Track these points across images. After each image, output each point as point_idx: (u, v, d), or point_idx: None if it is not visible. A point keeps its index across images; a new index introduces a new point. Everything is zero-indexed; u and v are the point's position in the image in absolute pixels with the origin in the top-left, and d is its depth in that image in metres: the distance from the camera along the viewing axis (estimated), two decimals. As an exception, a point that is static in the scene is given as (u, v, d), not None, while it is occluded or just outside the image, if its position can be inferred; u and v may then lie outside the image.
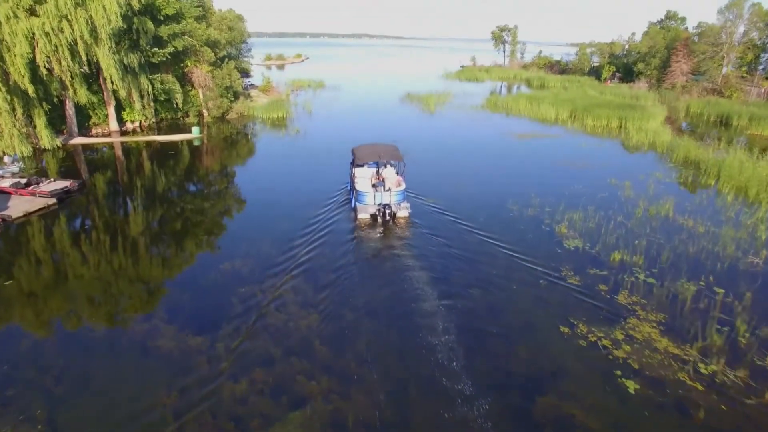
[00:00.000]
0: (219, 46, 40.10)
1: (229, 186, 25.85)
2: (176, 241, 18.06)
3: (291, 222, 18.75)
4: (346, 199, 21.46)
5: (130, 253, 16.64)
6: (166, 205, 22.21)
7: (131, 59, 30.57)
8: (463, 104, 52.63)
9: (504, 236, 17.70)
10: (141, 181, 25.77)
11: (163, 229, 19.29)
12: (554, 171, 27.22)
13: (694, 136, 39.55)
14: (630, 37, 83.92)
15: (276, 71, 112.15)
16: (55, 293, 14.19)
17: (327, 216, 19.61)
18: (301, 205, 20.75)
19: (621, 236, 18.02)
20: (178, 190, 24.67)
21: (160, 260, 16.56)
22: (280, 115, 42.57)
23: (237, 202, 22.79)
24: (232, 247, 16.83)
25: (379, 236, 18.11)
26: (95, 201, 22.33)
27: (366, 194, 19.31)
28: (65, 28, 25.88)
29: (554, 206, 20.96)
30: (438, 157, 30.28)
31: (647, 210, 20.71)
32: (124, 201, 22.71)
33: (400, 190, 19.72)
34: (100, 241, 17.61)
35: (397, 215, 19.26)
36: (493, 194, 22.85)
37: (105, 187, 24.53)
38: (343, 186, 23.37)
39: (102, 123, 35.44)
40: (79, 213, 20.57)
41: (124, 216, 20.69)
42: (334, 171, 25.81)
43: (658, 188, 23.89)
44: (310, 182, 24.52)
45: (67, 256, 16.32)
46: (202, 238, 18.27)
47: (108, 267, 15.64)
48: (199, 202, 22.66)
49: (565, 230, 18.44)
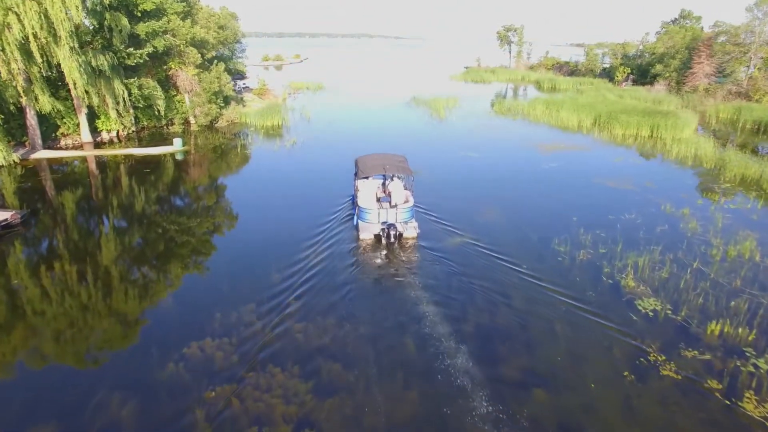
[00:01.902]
0: (207, 46, 35.91)
1: (216, 207, 21.83)
2: (153, 282, 13.97)
3: (284, 249, 16.23)
4: (348, 215, 19.10)
5: (84, 309, 12.54)
6: (141, 234, 18.16)
7: (101, 61, 26.38)
8: (473, 109, 48.56)
9: (550, 298, 13.66)
10: (111, 204, 21.68)
11: (136, 267, 15.18)
12: (594, 192, 23.17)
13: (737, 146, 35.55)
14: (644, 37, 79.98)
15: (273, 72, 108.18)
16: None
17: (326, 237, 17.20)
18: (297, 228, 18.06)
19: (707, 292, 13.97)
20: (155, 215, 20.45)
21: (133, 304, 12.48)
22: (275, 122, 38.38)
23: (224, 227, 19.25)
24: (217, 282, 14.43)
25: (382, 262, 15.64)
26: (44, 234, 18.18)
27: (369, 211, 17.25)
28: (13, 23, 21.70)
29: (609, 245, 16.91)
30: (453, 171, 26.23)
31: (725, 251, 16.65)
32: (85, 232, 18.51)
33: (408, 207, 17.56)
34: (37, 302, 13.49)
35: (403, 235, 16.94)
36: (526, 224, 18.75)
37: (63, 213, 20.34)
38: (347, 199, 20.83)
39: (72, 133, 31.29)
40: (11, 256, 16.35)
41: (78, 256, 16.45)
42: (335, 185, 22.89)
43: (725, 218, 19.82)
44: (308, 200, 21.65)
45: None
46: (179, 279, 14.18)
47: (47, 336, 11.57)
48: (181, 228, 18.56)
49: (632, 283, 14.38)
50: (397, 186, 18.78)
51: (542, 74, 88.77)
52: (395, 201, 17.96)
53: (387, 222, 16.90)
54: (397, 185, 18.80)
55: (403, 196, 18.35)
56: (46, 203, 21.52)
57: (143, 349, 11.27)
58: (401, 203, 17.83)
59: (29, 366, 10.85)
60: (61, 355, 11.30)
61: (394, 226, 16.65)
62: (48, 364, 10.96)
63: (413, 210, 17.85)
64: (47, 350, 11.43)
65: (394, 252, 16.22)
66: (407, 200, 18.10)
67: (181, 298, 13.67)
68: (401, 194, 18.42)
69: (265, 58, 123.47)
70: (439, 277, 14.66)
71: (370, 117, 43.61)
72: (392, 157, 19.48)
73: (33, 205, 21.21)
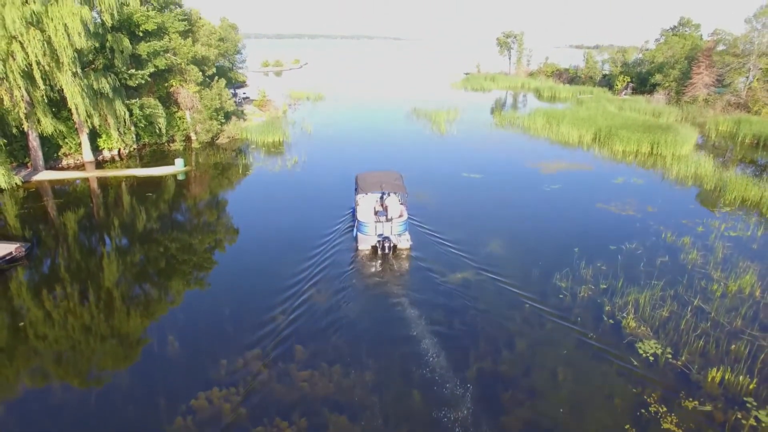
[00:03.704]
0: (208, 63, 35.98)
1: (219, 228, 22.55)
2: (157, 304, 14.03)
3: (288, 261, 18.13)
4: (349, 227, 20.92)
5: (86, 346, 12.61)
6: (145, 258, 18.52)
7: (103, 84, 26.45)
8: (474, 121, 48.65)
9: (552, 340, 13.74)
10: (115, 232, 21.87)
11: (142, 295, 15.24)
12: (595, 218, 23.24)
13: (737, 164, 35.66)
14: (643, 45, 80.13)
15: (273, 78, 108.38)
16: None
17: (325, 250, 18.87)
18: (299, 243, 19.70)
19: (707, 333, 14.06)
20: (159, 239, 20.65)
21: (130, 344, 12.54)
22: (276, 138, 38.46)
23: (228, 247, 20.35)
24: (222, 300, 15.70)
25: (377, 271, 17.59)
26: (49, 267, 18.27)
27: (367, 225, 18.91)
28: (17, 51, 21.78)
29: (610, 279, 17.01)
30: (455, 195, 26.31)
31: (726, 286, 16.75)
32: (89, 263, 18.55)
33: (402, 221, 19.30)
34: (43, 340, 13.55)
35: (397, 247, 18.87)
36: (529, 255, 18.85)
37: (67, 243, 20.37)
38: (348, 211, 22.75)
39: (74, 153, 31.40)
40: (19, 293, 16.39)
41: (83, 289, 16.51)
42: (336, 202, 24.36)
43: (726, 247, 19.92)
44: (310, 217, 22.83)
45: None
46: (184, 301, 14.23)
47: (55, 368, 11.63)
48: (184, 249, 19.00)
49: (633, 323, 14.47)
50: (393, 201, 20.59)
51: (542, 82, 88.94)
52: (391, 215, 19.60)
53: (383, 235, 18.60)
54: (393, 200, 20.64)
55: (398, 211, 19.98)
56: (50, 230, 21.59)
57: (151, 396, 11.35)
58: (396, 217, 19.44)
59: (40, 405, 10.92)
60: (64, 375, 11.37)
61: (388, 239, 18.51)
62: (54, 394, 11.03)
63: (407, 223, 19.55)
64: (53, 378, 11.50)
65: (389, 262, 18.16)
66: (402, 214, 19.71)
67: (187, 321, 13.90)
68: (396, 209, 20.11)
69: (265, 64, 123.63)
70: (447, 307, 14.79)
71: (370, 132, 43.56)
72: (389, 175, 21.53)
73: (36, 231, 21.37)
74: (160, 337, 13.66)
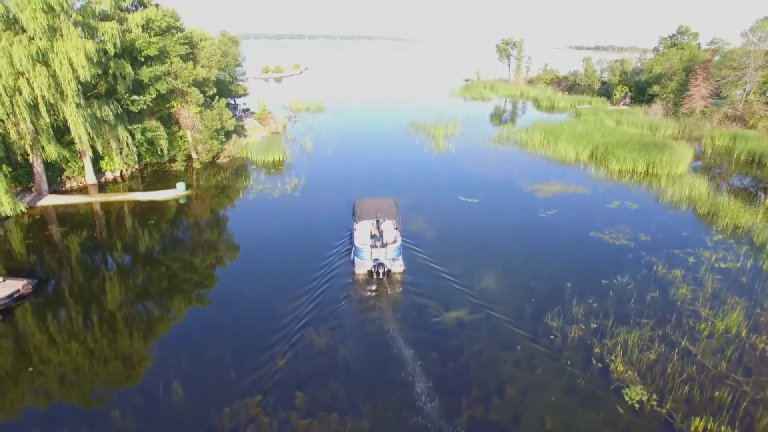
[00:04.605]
0: (208, 84, 36.49)
1: (221, 259, 23.08)
2: (160, 332, 14.49)
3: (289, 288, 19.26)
4: (347, 250, 22.15)
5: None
6: (150, 284, 19.38)
7: (106, 112, 26.96)
8: (472, 137, 49.09)
9: (542, 385, 14.22)
10: (119, 261, 22.60)
11: (151, 334, 15.72)
12: (589, 249, 23.66)
13: (732, 185, 36.15)
14: (642, 55, 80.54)
15: (273, 85, 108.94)
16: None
17: (324, 274, 20.26)
18: (300, 266, 21.07)
19: (692, 378, 14.54)
20: (162, 265, 21.87)
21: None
22: (276, 158, 38.97)
23: (229, 280, 20.83)
24: (224, 335, 16.61)
25: (375, 301, 18.64)
26: (55, 305, 18.68)
27: (363, 250, 20.25)
28: (23, 86, 22.29)
29: (601, 318, 17.48)
30: (453, 221, 26.78)
31: (713, 325, 17.22)
32: (96, 296, 18.96)
33: (396, 247, 20.65)
34: (53, 383, 14.03)
35: (391, 271, 20.19)
36: (521, 290, 19.35)
37: (73, 276, 20.84)
38: (346, 233, 24.02)
39: (77, 175, 31.91)
40: (26, 334, 16.84)
41: (89, 325, 17.01)
42: (335, 224, 25.67)
43: (716, 281, 20.38)
44: (310, 241, 23.88)
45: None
46: (188, 323, 14.73)
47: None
48: (188, 273, 20.24)
49: (621, 367, 14.94)
50: (388, 226, 21.97)
51: (541, 89, 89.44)
52: (386, 240, 20.96)
53: (378, 260, 19.93)
54: (388, 226, 22.01)
55: (393, 236, 21.42)
56: (55, 263, 22.07)
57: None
58: (391, 242, 20.85)
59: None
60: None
61: (383, 265, 19.73)
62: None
63: (401, 248, 20.94)
64: None
65: (384, 285, 19.57)
66: (396, 240, 21.15)
67: (191, 360, 14.36)
68: (391, 234, 21.55)
69: (265, 70, 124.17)
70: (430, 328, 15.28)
71: (369, 151, 43.53)
72: (383, 202, 23.24)
73: (42, 263, 21.90)
74: (161, 382, 14.12)
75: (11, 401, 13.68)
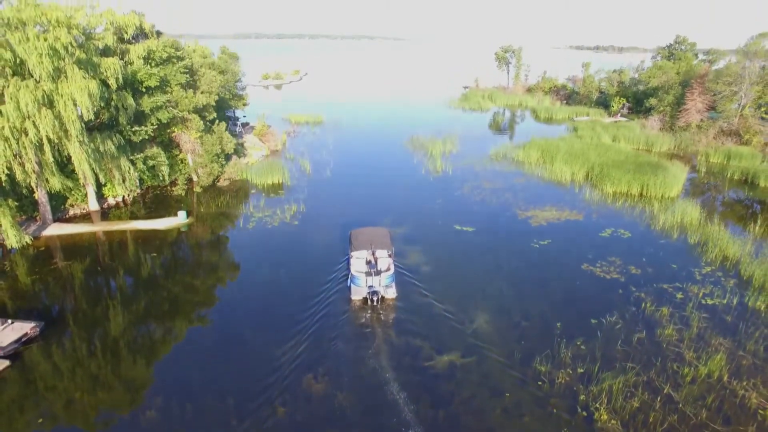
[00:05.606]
0: (208, 109, 37.12)
1: (222, 290, 24.15)
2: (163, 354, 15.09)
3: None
4: (344, 275, 23.94)
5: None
6: (154, 315, 20.58)
7: (108, 146, 27.61)
8: (470, 154, 49.69)
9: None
10: (122, 295, 23.37)
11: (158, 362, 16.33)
12: (580, 284, 24.21)
13: (723, 208, 36.75)
14: (639, 65, 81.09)
15: (273, 92, 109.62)
16: None
17: (322, 300, 22.17)
18: (298, 293, 22.93)
19: (674, 427, 15.18)
20: (166, 294, 23.55)
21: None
22: (275, 180, 39.61)
23: (230, 311, 21.89)
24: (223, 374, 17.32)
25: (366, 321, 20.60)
26: (64, 344, 19.27)
27: (359, 278, 21.90)
28: (30, 128, 22.95)
29: (587, 363, 18.08)
30: (444, 249, 27.58)
31: (696, 370, 17.83)
32: (100, 340, 19.62)
33: (389, 274, 22.26)
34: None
35: (385, 297, 21.88)
36: (512, 333, 20.00)
37: (78, 317, 21.38)
38: (344, 259, 25.57)
39: (80, 203, 32.58)
40: (35, 380, 17.43)
41: (97, 371, 17.66)
42: (333, 258, 26.53)
43: (702, 319, 20.99)
44: (309, 268, 25.47)
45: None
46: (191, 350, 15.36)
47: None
48: (191, 297, 20.98)
49: (605, 416, 15.58)
50: (382, 255, 23.27)
51: (539, 99, 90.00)
52: (380, 268, 22.22)
53: (372, 287, 21.41)
54: (382, 254, 23.35)
55: (386, 264, 22.72)
56: (61, 301, 22.69)
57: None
58: (384, 270, 22.20)
59: None
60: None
61: (377, 293, 21.30)
62: None
63: (393, 276, 22.57)
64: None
65: (377, 311, 21.22)
66: (389, 268, 22.54)
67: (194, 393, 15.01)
68: (385, 262, 22.83)
69: (265, 77, 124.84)
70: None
71: (366, 174, 43.15)
72: (378, 232, 25.11)
73: (49, 301, 22.59)
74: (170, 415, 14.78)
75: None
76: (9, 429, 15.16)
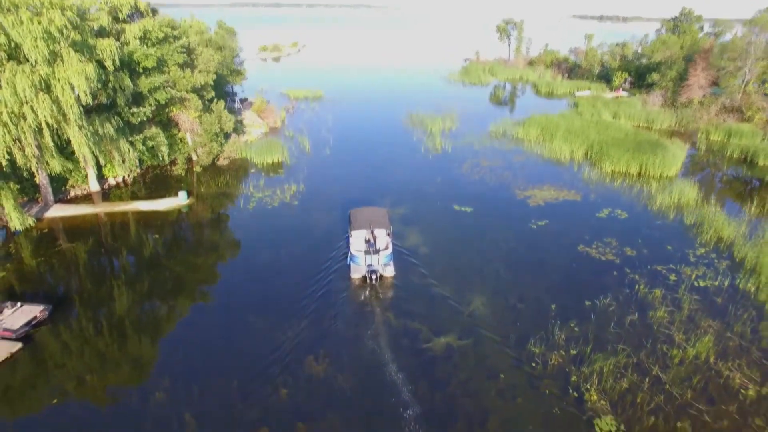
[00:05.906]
0: (206, 88, 36.79)
1: (224, 269, 24.81)
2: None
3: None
4: (344, 253, 24.78)
5: None
6: (159, 298, 20.70)
7: (107, 128, 27.56)
8: (469, 132, 49.41)
9: (522, 416, 15.53)
10: (126, 276, 23.88)
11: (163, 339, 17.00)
12: (576, 266, 24.60)
13: (721, 188, 36.93)
14: (643, 39, 79.61)
15: (272, 65, 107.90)
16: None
17: (323, 277, 23.10)
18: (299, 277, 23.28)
19: (660, 407, 15.87)
20: (169, 274, 24.02)
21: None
22: (275, 159, 39.63)
23: (233, 292, 22.44)
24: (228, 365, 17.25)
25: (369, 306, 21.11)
26: (71, 328, 19.83)
27: (358, 257, 22.77)
28: (28, 113, 22.91)
29: (580, 345, 18.70)
30: (443, 229, 27.91)
31: (684, 351, 18.46)
32: (107, 321, 20.19)
33: (388, 253, 23.11)
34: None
35: (384, 276, 22.65)
36: (508, 311, 20.61)
37: (84, 298, 21.78)
38: (344, 236, 26.39)
39: (81, 183, 32.73)
40: (47, 361, 18.02)
41: (105, 350, 18.28)
42: (333, 237, 27.31)
43: (693, 301, 21.54)
44: (309, 252, 25.64)
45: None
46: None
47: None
48: (193, 281, 21.44)
49: (595, 397, 16.27)
50: (380, 234, 23.93)
51: (540, 72, 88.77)
52: (378, 247, 22.92)
53: (371, 266, 22.18)
54: (380, 233, 23.99)
55: (385, 243, 23.47)
56: (67, 283, 23.19)
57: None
58: (383, 249, 22.96)
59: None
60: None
61: (375, 272, 22.06)
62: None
63: (392, 255, 23.42)
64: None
65: (376, 290, 22.07)
66: (387, 247, 23.34)
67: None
68: (383, 241, 23.58)
69: (263, 48, 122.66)
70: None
71: (366, 151, 43.28)
72: (376, 212, 25.79)
73: (55, 283, 23.07)
74: (174, 413, 15.47)
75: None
76: (25, 407, 15.85)
